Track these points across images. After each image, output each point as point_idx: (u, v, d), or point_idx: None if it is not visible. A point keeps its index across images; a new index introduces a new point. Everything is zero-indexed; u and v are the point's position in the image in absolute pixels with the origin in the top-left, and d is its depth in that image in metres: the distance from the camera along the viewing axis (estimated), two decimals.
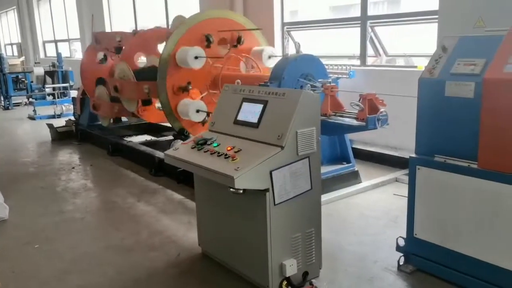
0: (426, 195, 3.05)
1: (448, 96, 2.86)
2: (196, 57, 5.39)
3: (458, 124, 2.84)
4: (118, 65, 6.45)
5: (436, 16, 5.55)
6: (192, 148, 3.19)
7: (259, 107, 3.05)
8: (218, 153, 2.96)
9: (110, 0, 14.08)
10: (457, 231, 2.91)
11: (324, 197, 4.41)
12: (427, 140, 3.04)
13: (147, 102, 6.27)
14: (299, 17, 8.75)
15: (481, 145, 2.67)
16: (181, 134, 5.70)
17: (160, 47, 6.46)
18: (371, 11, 6.79)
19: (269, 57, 5.85)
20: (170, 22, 10.66)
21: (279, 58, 5.24)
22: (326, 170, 4.83)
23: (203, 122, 5.57)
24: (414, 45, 7.07)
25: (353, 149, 5.40)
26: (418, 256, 3.17)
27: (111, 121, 7.61)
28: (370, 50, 6.90)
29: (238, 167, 2.69)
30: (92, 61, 7.87)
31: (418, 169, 3.06)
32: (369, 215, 4.29)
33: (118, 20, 13.87)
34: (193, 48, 5.42)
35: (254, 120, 3.03)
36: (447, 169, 2.88)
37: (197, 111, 5.42)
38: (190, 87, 5.56)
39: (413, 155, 3.12)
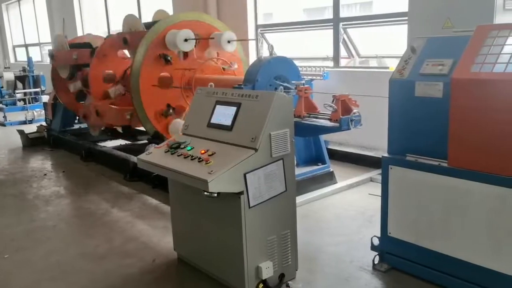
0: (399, 194, 3.09)
1: (418, 96, 2.90)
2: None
3: (428, 123, 2.89)
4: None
5: (406, 18, 5.65)
6: (165, 152, 3.15)
7: (233, 109, 3.03)
8: (192, 156, 2.93)
9: (81, 3, 13.84)
10: (429, 229, 2.95)
11: (300, 199, 4.43)
12: (399, 140, 3.08)
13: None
14: (274, 20, 8.78)
15: (451, 144, 2.72)
16: (156, 138, 5.64)
17: None
18: (344, 13, 6.87)
19: (228, 41, 5.69)
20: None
21: (236, 42, 5.30)
22: (302, 171, 4.86)
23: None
24: (387, 46, 7.18)
25: (328, 150, 5.44)
26: (393, 254, 3.21)
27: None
28: (343, 52, 6.98)
29: (211, 171, 2.67)
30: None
31: (391, 168, 3.09)
32: (344, 215, 4.32)
33: (90, 23, 13.64)
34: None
35: (228, 122, 3.02)
36: (419, 168, 2.93)
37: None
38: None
39: (386, 154, 3.16)
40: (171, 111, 5.60)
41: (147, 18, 11.13)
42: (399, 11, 5.94)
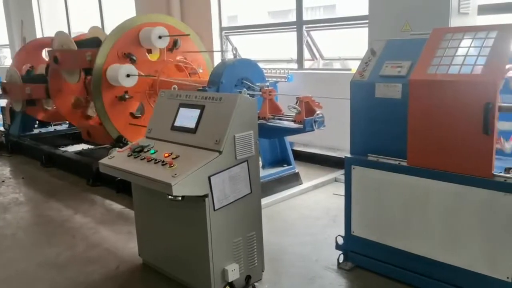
0: (362, 193, 3.15)
1: (378, 97, 2.98)
2: (128, 75, 5.26)
3: (388, 123, 2.96)
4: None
5: (367, 21, 5.77)
6: (128, 156, 3.10)
7: (196, 112, 3.02)
8: (155, 160, 2.90)
9: (40, 4, 13.44)
10: (391, 227, 3.02)
11: (265, 200, 4.46)
12: (361, 140, 3.15)
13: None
14: (239, 22, 8.79)
15: (409, 143, 2.80)
16: (119, 142, 5.54)
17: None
18: (308, 16, 6.95)
19: (160, 37, 5.60)
20: (106, 26, 10.20)
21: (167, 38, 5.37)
22: (267, 173, 4.89)
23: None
24: (350, 48, 7.30)
25: (293, 151, 5.49)
26: (357, 253, 3.27)
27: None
28: (307, 54, 7.06)
29: (175, 174, 2.65)
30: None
31: (353, 168, 3.15)
32: (309, 215, 4.37)
33: (50, 25, 13.26)
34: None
35: (192, 125, 3.00)
36: (380, 168, 3.00)
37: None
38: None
39: (349, 155, 3.21)
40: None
41: (108, 18, 10.98)
42: (361, 14, 6.06)
